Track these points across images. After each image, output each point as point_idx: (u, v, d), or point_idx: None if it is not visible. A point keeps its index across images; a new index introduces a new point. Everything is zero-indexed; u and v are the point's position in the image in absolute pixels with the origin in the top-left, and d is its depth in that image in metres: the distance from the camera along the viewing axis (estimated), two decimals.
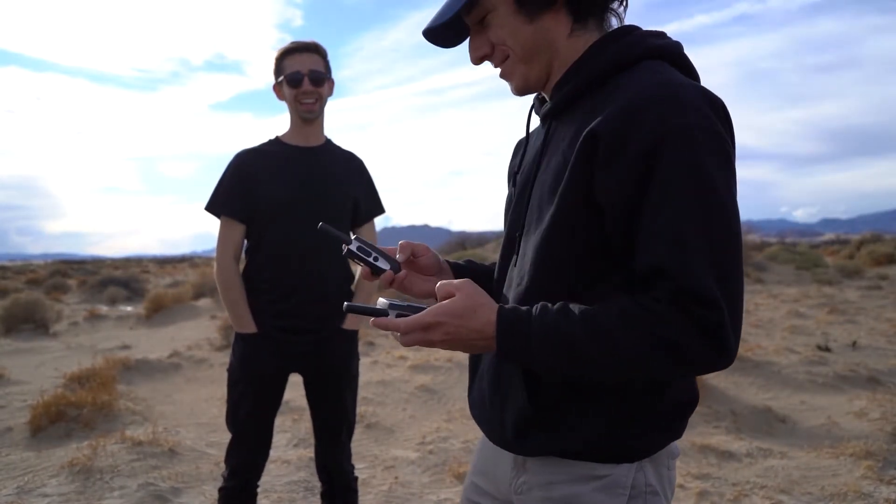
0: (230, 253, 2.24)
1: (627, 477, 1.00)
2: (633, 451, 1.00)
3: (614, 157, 0.89)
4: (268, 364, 2.20)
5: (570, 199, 0.95)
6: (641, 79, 0.93)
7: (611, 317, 0.88)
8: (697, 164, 0.86)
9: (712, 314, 0.84)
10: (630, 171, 0.88)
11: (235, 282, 2.22)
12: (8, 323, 10.17)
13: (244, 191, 2.21)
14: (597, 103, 0.97)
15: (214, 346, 7.98)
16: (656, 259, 0.86)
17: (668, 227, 0.86)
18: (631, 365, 0.88)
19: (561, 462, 1.02)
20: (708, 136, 0.87)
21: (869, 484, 3.34)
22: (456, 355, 6.57)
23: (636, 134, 0.87)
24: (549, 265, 0.99)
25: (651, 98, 0.89)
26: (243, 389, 2.21)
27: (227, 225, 2.24)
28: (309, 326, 2.21)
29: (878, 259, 19.25)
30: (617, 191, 0.90)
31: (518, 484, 1.08)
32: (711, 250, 0.85)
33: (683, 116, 0.87)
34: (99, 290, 17.89)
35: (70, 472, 3.40)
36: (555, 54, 1.04)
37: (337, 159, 2.33)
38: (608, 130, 0.90)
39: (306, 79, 2.17)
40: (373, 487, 3.41)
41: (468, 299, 0.93)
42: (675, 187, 0.86)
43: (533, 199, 1.05)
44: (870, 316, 9.53)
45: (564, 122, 1.04)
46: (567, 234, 0.96)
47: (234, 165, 2.26)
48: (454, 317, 0.92)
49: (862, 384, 5.50)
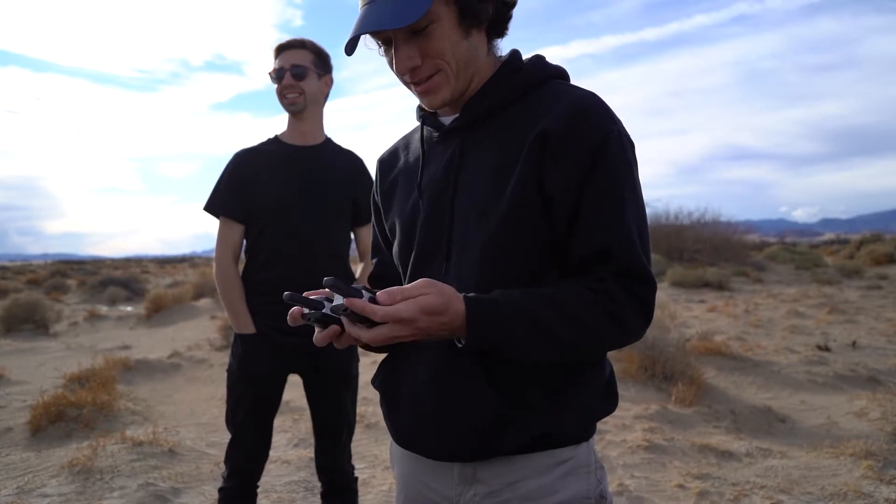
0: (229, 253, 2.23)
1: (588, 455, 1.06)
2: (588, 428, 1.07)
3: (563, 154, 0.99)
4: (266, 365, 2.19)
5: (522, 198, 1.00)
6: (568, 90, 1.04)
7: (571, 298, 0.96)
8: (628, 161, 1.01)
9: (649, 290, 0.99)
10: (577, 167, 0.98)
11: (234, 282, 2.21)
12: (8, 323, 10.18)
13: (242, 191, 2.21)
14: (519, 114, 1.05)
15: (214, 346, 7.99)
16: (604, 243, 0.97)
17: (612, 216, 0.98)
18: (592, 341, 0.99)
19: (519, 459, 1.02)
20: (628, 141, 1.02)
21: (869, 484, 3.34)
22: None
23: (583, 134, 0.98)
24: (499, 265, 1.02)
25: (591, 106, 1.00)
26: (242, 390, 2.20)
27: (226, 225, 2.24)
28: (307, 327, 2.20)
29: (877, 259, 19.27)
30: (565, 185, 0.99)
31: (467, 499, 1.05)
32: (641, 235, 1.00)
33: (615, 123, 1.01)
34: (99, 291, 17.90)
35: (70, 473, 3.40)
36: (476, 71, 1.08)
37: (336, 158, 2.32)
38: (559, 131, 0.99)
39: (288, 73, 2.18)
40: (373, 487, 3.41)
41: (442, 295, 0.91)
42: (615, 181, 0.99)
43: (460, 209, 1.06)
44: (869, 316, 9.53)
45: (479, 135, 1.08)
46: (518, 232, 1.01)
47: (232, 165, 2.26)
48: (432, 313, 0.90)
49: (862, 384, 5.50)
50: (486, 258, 1.02)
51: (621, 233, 0.97)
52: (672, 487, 3.31)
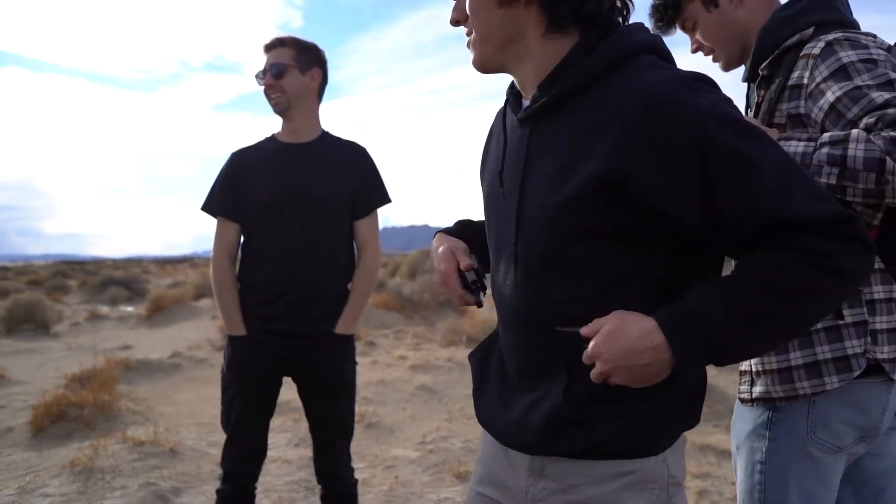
0: (224, 253, 2.22)
1: (655, 470, 1.00)
2: (658, 442, 1.00)
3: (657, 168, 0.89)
4: (256, 367, 2.16)
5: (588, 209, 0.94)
6: (640, 78, 0.92)
7: (767, 271, 0.88)
8: (741, 123, 0.89)
9: (852, 227, 0.87)
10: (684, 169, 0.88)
11: (228, 282, 2.20)
12: (9, 323, 10.19)
13: (235, 190, 2.20)
14: (593, 106, 0.95)
15: (215, 346, 7.99)
16: (776, 214, 0.86)
17: (766, 184, 0.87)
18: (815, 307, 0.90)
19: (583, 463, 1.01)
20: (727, 102, 0.92)
21: None
22: (456, 355, 6.58)
23: (671, 135, 0.88)
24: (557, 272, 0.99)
25: (665, 96, 0.89)
26: (233, 392, 2.18)
27: (222, 225, 2.24)
28: (297, 330, 2.15)
29: None
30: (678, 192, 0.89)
31: (536, 491, 1.05)
32: (808, 182, 0.89)
33: (703, 98, 0.89)
34: (100, 291, 17.92)
35: (71, 472, 3.41)
36: (528, 51, 1.02)
37: (331, 152, 2.26)
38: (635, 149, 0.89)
39: (268, 74, 2.17)
40: (373, 487, 3.42)
41: (617, 317, 0.91)
42: (742, 153, 0.87)
43: (528, 206, 1.02)
44: None
45: (550, 125, 1.00)
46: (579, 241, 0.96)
47: (227, 165, 2.26)
48: (608, 341, 0.90)
49: None
50: (547, 268, 1.00)
51: (788, 196, 0.87)
52: None
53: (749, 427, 1.38)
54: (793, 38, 1.33)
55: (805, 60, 1.28)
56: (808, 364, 1.27)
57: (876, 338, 1.27)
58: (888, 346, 1.28)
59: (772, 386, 1.32)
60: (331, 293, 2.23)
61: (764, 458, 1.33)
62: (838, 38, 1.26)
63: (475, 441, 4.13)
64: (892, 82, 1.18)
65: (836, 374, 1.25)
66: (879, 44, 1.27)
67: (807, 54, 1.28)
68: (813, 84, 1.26)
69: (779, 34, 1.35)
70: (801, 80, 1.28)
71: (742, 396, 1.42)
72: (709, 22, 1.48)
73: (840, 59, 1.22)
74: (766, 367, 1.34)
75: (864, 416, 1.28)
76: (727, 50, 1.51)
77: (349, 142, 2.34)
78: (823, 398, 1.27)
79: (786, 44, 1.34)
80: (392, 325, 9.31)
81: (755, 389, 1.36)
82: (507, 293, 1.08)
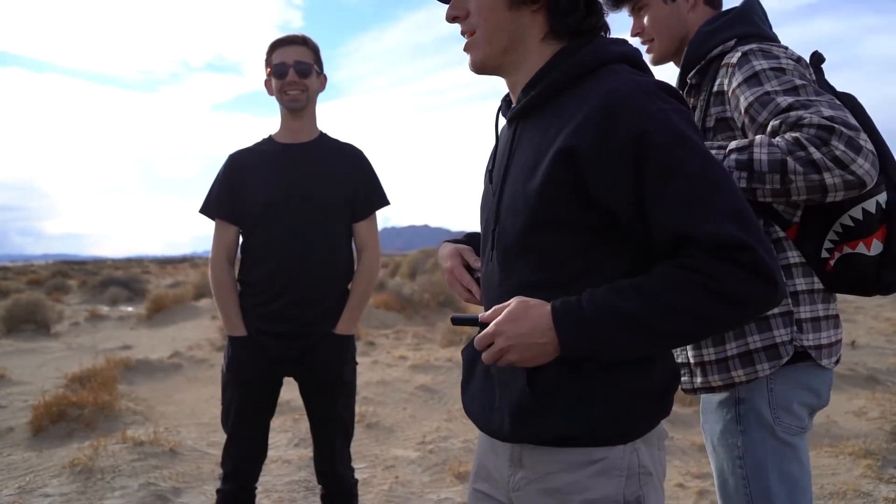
0: (223, 255, 2.23)
1: (622, 459, 1.02)
2: (627, 432, 1.03)
3: (599, 160, 0.95)
4: (255, 368, 2.17)
5: (548, 198, 0.99)
6: (608, 80, 0.98)
7: (658, 283, 0.93)
8: (680, 137, 0.94)
9: (751, 253, 0.90)
10: (622, 162, 0.94)
11: (227, 284, 2.20)
12: (9, 323, 10.19)
13: (234, 192, 2.20)
14: (565, 105, 1.01)
15: (215, 346, 7.99)
16: (679, 227, 0.92)
17: (678, 196, 0.92)
18: (698, 325, 0.93)
19: (556, 451, 1.04)
20: (678, 114, 0.96)
21: (868, 483, 3.35)
22: (456, 355, 6.58)
23: (618, 130, 0.93)
24: (533, 259, 1.04)
25: (618, 99, 0.95)
26: (232, 393, 2.19)
27: (221, 227, 2.24)
28: (296, 331, 2.16)
29: None
30: (614, 184, 0.95)
31: (515, 481, 1.09)
32: (723, 202, 0.92)
33: (654, 103, 0.95)
34: (100, 291, 17.92)
35: (71, 472, 3.41)
36: (525, 55, 1.07)
37: (330, 154, 2.27)
38: (588, 140, 0.95)
39: (291, 69, 2.15)
40: (373, 487, 3.42)
41: (519, 303, 0.98)
42: (670, 160, 0.93)
43: (505, 196, 1.09)
44: (868, 315, 9.53)
45: (530, 123, 1.07)
46: (546, 228, 1.01)
47: (225, 167, 2.25)
48: (510, 322, 0.97)
49: (861, 383, 5.51)
50: (522, 255, 1.05)
51: (692, 210, 0.91)
52: (672, 487, 3.32)
53: (720, 427, 1.46)
54: (716, 50, 1.47)
55: (725, 69, 1.42)
56: (742, 354, 1.38)
57: (801, 326, 1.38)
58: (812, 334, 1.38)
59: (711, 375, 1.43)
60: (330, 293, 2.23)
61: (741, 452, 1.41)
62: (753, 48, 1.39)
63: (475, 441, 4.13)
64: (797, 88, 1.30)
65: (767, 362, 1.36)
66: (790, 55, 1.39)
67: (727, 63, 1.42)
68: (730, 90, 1.39)
69: (704, 46, 1.49)
70: (721, 86, 1.43)
71: (684, 387, 1.51)
72: (661, 13, 1.59)
73: (753, 67, 1.35)
74: (704, 358, 1.44)
75: (815, 396, 1.42)
76: (665, 45, 1.61)
77: (347, 144, 2.35)
78: (778, 385, 1.38)
79: (710, 54, 1.47)
80: (392, 325, 9.31)
81: (696, 380, 1.47)
82: (487, 280, 1.15)
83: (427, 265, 15.95)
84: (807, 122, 1.22)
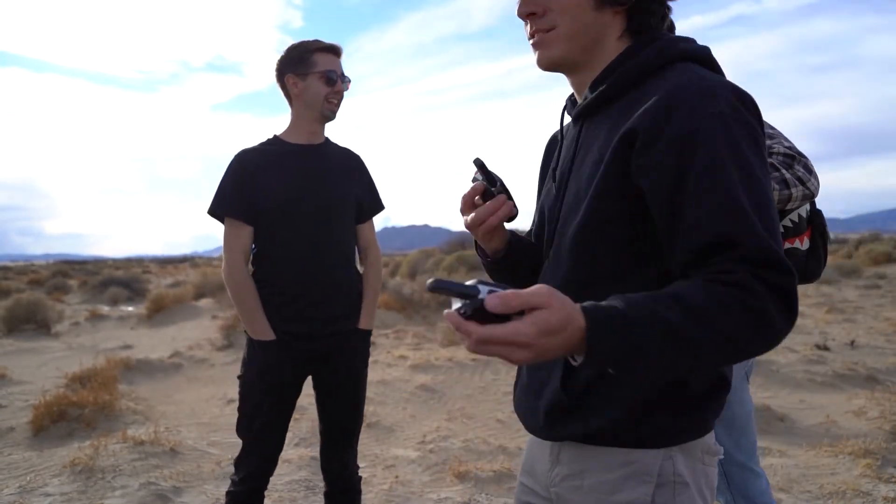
0: (240, 256, 2.16)
1: (654, 464, 1.00)
2: (660, 436, 1.00)
3: (651, 144, 0.92)
4: (287, 372, 2.15)
5: (605, 193, 0.98)
6: (674, 77, 0.97)
7: (698, 296, 0.82)
8: (734, 143, 0.89)
9: (788, 278, 0.84)
10: (669, 154, 0.91)
11: (249, 286, 2.14)
12: (10, 323, 10.20)
13: (246, 191, 2.16)
14: (631, 102, 0.99)
15: (215, 345, 8.01)
16: (722, 228, 0.85)
17: (726, 199, 0.86)
18: (734, 346, 0.83)
19: (593, 449, 1.03)
20: (739, 124, 0.91)
21: (868, 482, 3.36)
22: (456, 355, 6.59)
23: (673, 122, 0.91)
24: (584, 257, 1.03)
25: (685, 92, 0.93)
26: (260, 399, 2.15)
27: (233, 227, 2.17)
28: (322, 330, 2.16)
29: (876, 258, 19.24)
30: (656, 173, 0.92)
31: (552, 476, 1.10)
32: (763, 218, 0.87)
33: (716, 106, 0.91)
34: (100, 291, 17.94)
35: (72, 472, 3.42)
36: (601, 53, 1.06)
37: (336, 157, 2.29)
38: (645, 123, 0.93)
39: (342, 81, 2.18)
40: (373, 486, 3.43)
41: (562, 311, 0.78)
42: (720, 164, 0.88)
43: (568, 195, 1.08)
44: (868, 315, 9.54)
45: (595, 121, 1.07)
46: (601, 226, 1.00)
47: (234, 166, 2.20)
48: (549, 335, 0.77)
49: (860, 383, 5.52)
50: (575, 252, 1.04)
51: (738, 215, 0.85)
52: None
53: None
54: None
55: None
56: None
57: None
58: None
59: None
60: (348, 291, 2.25)
61: None
62: None
63: (475, 441, 4.14)
64: None
65: None
66: None
67: None
68: None
69: None
70: None
71: None
72: None
73: None
74: None
75: None
76: None
77: (347, 148, 2.38)
78: None
79: None
80: (392, 325, 9.31)
81: None
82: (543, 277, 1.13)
83: (427, 265, 15.94)
84: (775, 151, 1.77)
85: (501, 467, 3.60)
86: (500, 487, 3.41)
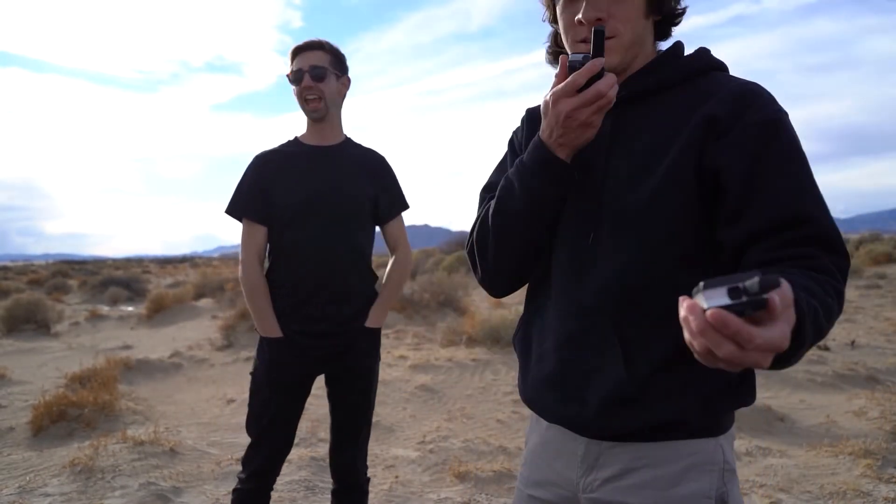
0: (254, 256, 2.20)
1: (715, 452, 1.01)
2: (720, 422, 1.03)
3: (734, 133, 0.99)
4: (294, 370, 2.17)
5: (677, 175, 1.01)
6: (729, 79, 1.08)
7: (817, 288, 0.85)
8: (798, 143, 1.00)
9: (848, 263, 0.94)
10: (750, 136, 0.98)
11: (261, 285, 2.18)
12: (10, 323, 10.20)
13: (262, 193, 2.20)
14: (685, 97, 1.07)
15: (215, 345, 8.00)
16: (800, 207, 0.94)
17: (805, 181, 0.96)
18: (830, 325, 0.88)
19: (642, 446, 1.02)
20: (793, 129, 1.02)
21: (868, 482, 3.35)
22: (456, 355, 6.59)
23: (754, 115, 0.99)
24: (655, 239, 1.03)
25: (755, 88, 1.03)
26: (268, 396, 2.17)
27: (250, 227, 2.22)
28: (333, 329, 2.18)
29: (876, 258, 19.23)
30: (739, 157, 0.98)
31: (588, 482, 1.07)
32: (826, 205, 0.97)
33: (781, 108, 1.02)
34: (100, 291, 17.93)
35: (71, 472, 3.42)
36: (640, 56, 1.14)
37: (354, 158, 2.29)
38: (725, 109, 1.01)
39: (307, 75, 2.15)
40: (373, 486, 3.42)
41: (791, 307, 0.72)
42: (792, 148, 0.98)
43: (612, 179, 1.07)
44: (868, 315, 9.53)
45: (638, 111, 1.10)
46: (669, 208, 1.02)
47: (252, 167, 2.25)
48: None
49: (861, 383, 5.52)
50: (642, 232, 1.03)
51: (814, 197, 0.96)
52: None
53: None
54: None
55: None
56: None
57: None
58: None
59: None
60: (363, 291, 2.27)
61: None
62: None
63: (475, 441, 4.14)
64: None
65: None
66: None
67: None
68: None
69: None
70: None
71: None
72: None
73: None
74: None
75: None
76: None
77: (370, 148, 2.38)
78: None
79: None
80: (392, 325, 9.31)
81: None
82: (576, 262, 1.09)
83: (427, 265, 15.96)
84: None
85: (501, 467, 3.60)
86: (500, 487, 3.41)
